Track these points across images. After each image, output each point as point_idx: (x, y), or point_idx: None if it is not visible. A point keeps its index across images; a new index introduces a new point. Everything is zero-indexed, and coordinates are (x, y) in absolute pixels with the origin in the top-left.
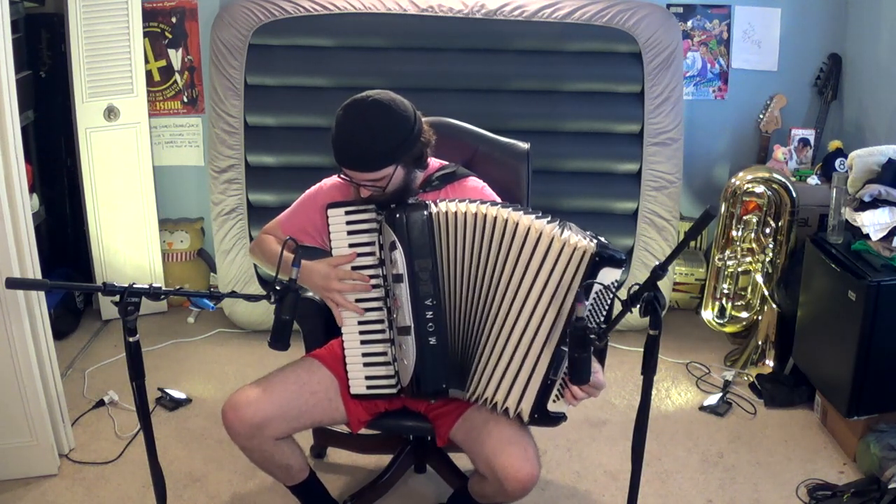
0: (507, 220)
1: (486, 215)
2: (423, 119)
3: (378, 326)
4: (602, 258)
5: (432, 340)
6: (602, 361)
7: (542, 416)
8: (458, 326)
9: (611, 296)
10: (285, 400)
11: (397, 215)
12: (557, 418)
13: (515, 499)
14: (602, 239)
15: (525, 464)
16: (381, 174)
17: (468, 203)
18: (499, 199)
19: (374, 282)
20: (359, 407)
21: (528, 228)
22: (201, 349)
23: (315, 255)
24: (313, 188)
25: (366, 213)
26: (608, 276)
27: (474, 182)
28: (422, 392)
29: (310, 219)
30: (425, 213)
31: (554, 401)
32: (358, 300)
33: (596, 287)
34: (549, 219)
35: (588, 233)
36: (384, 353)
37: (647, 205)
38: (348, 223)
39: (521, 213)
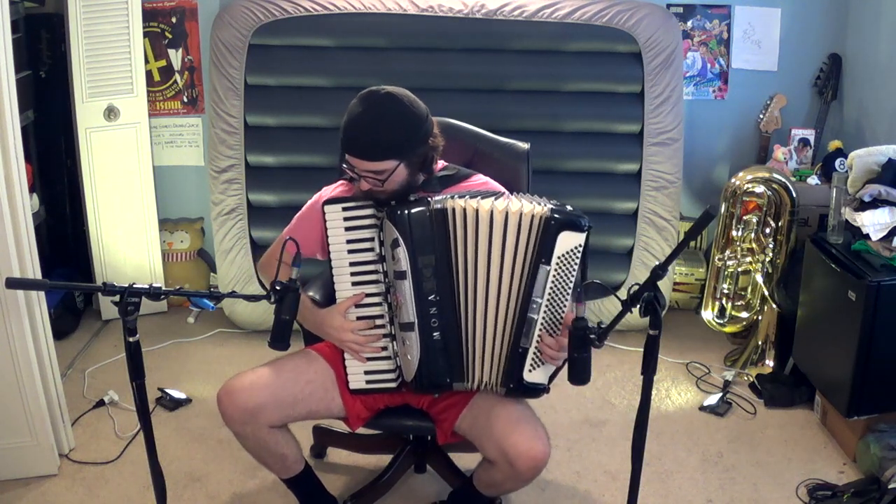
0: (490, 211)
1: (476, 210)
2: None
3: (378, 322)
4: (557, 222)
5: (436, 335)
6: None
7: (519, 387)
8: (459, 319)
9: (575, 263)
10: (280, 387)
11: (399, 212)
12: (536, 389)
13: (527, 481)
14: (564, 205)
15: (536, 441)
16: (381, 166)
17: (460, 198)
18: (502, 189)
19: (373, 277)
20: (358, 403)
21: (491, 212)
22: (201, 349)
23: (318, 272)
24: (312, 199)
25: (364, 210)
26: (569, 240)
27: (476, 179)
28: (426, 387)
29: (312, 229)
30: (427, 209)
31: (531, 370)
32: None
33: (556, 252)
34: (522, 198)
35: (553, 200)
36: (384, 348)
37: (647, 205)
38: (346, 219)
39: (500, 200)
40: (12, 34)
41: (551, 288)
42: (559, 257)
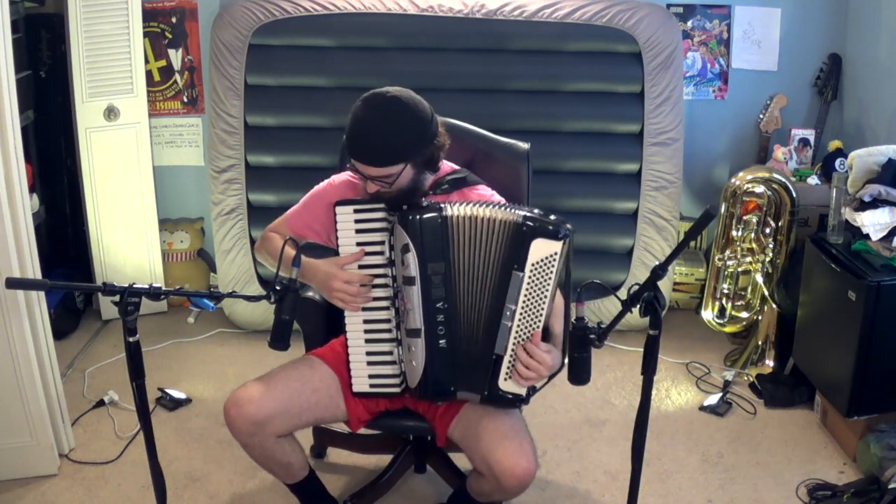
0: (475, 217)
1: (492, 219)
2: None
3: (384, 326)
4: (530, 229)
5: (442, 343)
6: (565, 349)
7: (494, 396)
8: (467, 328)
9: (551, 273)
10: (288, 397)
11: (410, 217)
12: (513, 399)
13: (513, 495)
14: (548, 214)
15: (521, 459)
16: (388, 171)
17: (477, 206)
18: (503, 201)
19: (382, 281)
20: (359, 406)
21: (476, 218)
22: (201, 349)
23: (320, 254)
24: (322, 185)
25: (375, 213)
26: (543, 249)
27: (483, 190)
28: (429, 394)
29: (317, 216)
30: (439, 216)
31: (505, 379)
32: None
33: (530, 260)
34: (522, 210)
35: (535, 210)
36: (389, 353)
37: (647, 205)
38: (357, 221)
39: (510, 210)
40: (12, 34)
41: (525, 296)
42: (533, 265)
